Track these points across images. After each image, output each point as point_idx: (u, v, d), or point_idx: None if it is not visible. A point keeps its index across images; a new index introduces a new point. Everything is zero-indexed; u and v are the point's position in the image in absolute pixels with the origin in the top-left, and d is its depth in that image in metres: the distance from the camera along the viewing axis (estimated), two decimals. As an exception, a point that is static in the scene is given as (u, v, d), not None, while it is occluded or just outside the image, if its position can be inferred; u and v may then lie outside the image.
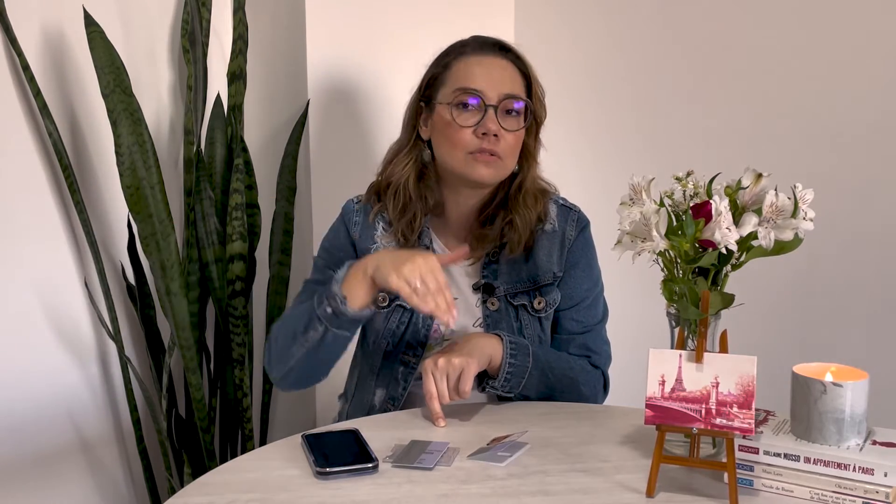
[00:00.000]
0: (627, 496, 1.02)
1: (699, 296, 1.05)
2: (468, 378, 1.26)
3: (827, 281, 1.73)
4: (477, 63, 1.42)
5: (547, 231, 1.47)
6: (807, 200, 1.05)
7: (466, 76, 1.41)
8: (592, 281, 1.50)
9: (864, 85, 1.66)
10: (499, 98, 1.39)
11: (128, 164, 1.67)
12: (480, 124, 1.38)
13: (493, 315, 1.44)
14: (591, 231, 1.51)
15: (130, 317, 1.92)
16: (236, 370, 1.88)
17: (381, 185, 1.49)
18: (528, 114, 1.42)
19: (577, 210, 1.51)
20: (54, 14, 1.76)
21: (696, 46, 1.91)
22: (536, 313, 1.45)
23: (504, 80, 1.41)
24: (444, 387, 1.25)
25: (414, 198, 1.44)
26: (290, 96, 1.97)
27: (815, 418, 1.01)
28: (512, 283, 1.45)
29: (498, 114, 1.39)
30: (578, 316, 1.48)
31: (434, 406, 1.25)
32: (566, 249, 1.47)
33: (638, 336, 1.60)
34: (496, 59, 1.42)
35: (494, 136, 1.38)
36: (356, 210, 1.50)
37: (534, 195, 1.46)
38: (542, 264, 1.45)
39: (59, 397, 1.83)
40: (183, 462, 1.88)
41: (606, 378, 1.51)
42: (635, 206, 1.08)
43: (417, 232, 1.44)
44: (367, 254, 1.44)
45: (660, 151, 1.98)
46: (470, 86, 1.39)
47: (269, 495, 1.03)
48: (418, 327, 1.44)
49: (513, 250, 1.44)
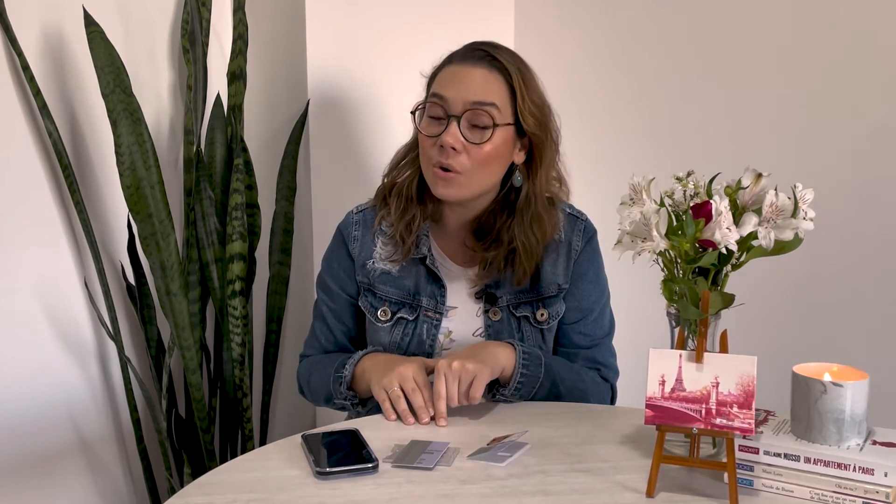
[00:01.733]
0: (627, 496, 1.02)
1: (699, 296, 1.05)
2: (480, 386, 1.26)
3: (827, 281, 1.73)
4: (454, 71, 1.37)
5: (554, 241, 1.44)
6: (807, 200, 1.05)
7: (439, 83, 1.38)
8: (599, 292, 1.48)
9: (865, 85, 1.66)
10: (463, 106, 1.33)
11: (128, 164, 1.67)
12: (440, 137, 1.34)
13: (495, 325, 1.44)
14: (597, 240, 1.48)
15: (130, 317, 1.92)
16: (236, 370, 1.88)
17: (387, 187, 1.48)
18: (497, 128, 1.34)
19: (584, 219, 1.48)
20: (54, 14, 1.75)
21: (696, 46, 1.91)
22: (539, 325, 1.44)
23: (473, 87, 1.34)
24: (455, 390, 1.25)
25: (416, 201, 1.44)
26: (290, 96, 1.97)
27: (815, 418, 1.01)
28: (515, 294, 1.43)
29: (462, 125, 1.33)
30: (586, 329, 1.47)
31: (440, 406, 1.25)
32: (573, 261, 1.45)
33: (638, 336, 1.60)
34: (475, 68, 1.36)
35: (453, 149, 1.33)
36: (355, 223, 1.49)
37: (541, 221, 1.40)
38: (546, 276, 1.43)
39: (59, 397, 1.83)
40: (183, 462, 1.88)
41: (615, 391, 1.50)
42: (635, 206, 1.08)
43: (415, 234, 1.43)
44: (366, 268, 1.46)
45: (660, 151, 1.98)
46: (438, 92, 1.36)
47: (269, 495, 1.03)
48: (423, 338, 1.44)
49: (520, 281, 1.41)
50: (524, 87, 1.37)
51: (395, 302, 1.44)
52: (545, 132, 1.40)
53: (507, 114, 1.36)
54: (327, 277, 1.51)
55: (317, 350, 1.54)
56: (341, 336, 1.52)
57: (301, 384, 1.53)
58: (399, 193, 1.45)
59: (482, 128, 1.34)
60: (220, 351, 1.92)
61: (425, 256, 1.43)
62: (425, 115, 1.38)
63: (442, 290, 1.44)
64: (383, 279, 1.45)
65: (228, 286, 1.85)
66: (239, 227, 1.85)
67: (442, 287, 1.44)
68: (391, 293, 1.45)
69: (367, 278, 1.46)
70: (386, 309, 1.44)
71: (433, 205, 1.45)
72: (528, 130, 1.38)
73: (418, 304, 1.44)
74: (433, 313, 1.43)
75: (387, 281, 1.45)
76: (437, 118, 1.36)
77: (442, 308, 1.44)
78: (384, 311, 1.44)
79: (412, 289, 1.44)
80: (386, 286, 1.45)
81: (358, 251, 1.47)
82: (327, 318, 1.52)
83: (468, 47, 1.40)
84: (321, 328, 1.53)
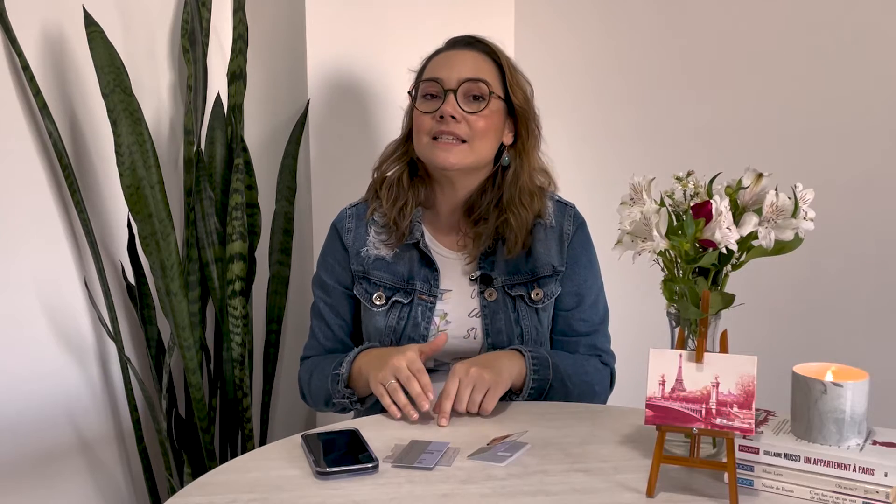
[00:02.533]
0: (627, 496, 1.02)
1: (699, 296, 1.05)
2: (493, 399, 1.28)
3: (827, 281, 1.73)
4: (443, 57, 1.48)
5: (545, 225, 1.49)
6: (807, 200, 1.05)
7: (431, 69, 1.47)
8: (593, 276, 1.52)
9: (865, 84, 1.66)
10: (458, 82, 1.42)
11: (128, 163, 1.67)
12: (439, 108, 1.41)
13: (491, 305, 1.46)
14: (588, 229, 1.52)
15: (130, 317, 1.92)
16: (236, 370, 1.88)
17: (377, 181, 1.54)
18: (492, 97, 1.43)
19: (572, 206, 1.53)
20: (54, 14, 1.75)
21: (696, 46, 1.91)
22: (534, 304, 1.46)
23: (466, 66, 1.44)
24: (466, 395, 1.26)
25: (406, 188, 1.49)
26: (290, 96, 1.97)
27: (816, 418, 1.01)
28: (510, 275, 1.46)
29: (458, 97, 1.42)
30: (585, 315, 1.50)
31: (446, 406, 1.26)
32: (566, 245, 1.48)
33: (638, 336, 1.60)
34: (462, 51, 1.47)
35: (453, 118, 1.40)
36: (349, 216, 1.54)
37: (530, 193, 1.48)
38: (540, 256, 1.47)
39: (59, 397, 1.83)
40: (183, 462, 1.88)
41: (614, 375, 1.53)
42: (636, 206, 1.08)
43: (408, 220, 1.48)
44: (356, 256, 1.49)
45: (660, 151, 1.98)
46: (431, 76, 1.45)
47: (269, 495, 1.03)
48: (418, 321, 1.46)
49: (511, 251, 1.45)
50: (510, 65, 1.48)
51: (389, 287, 1.48)
52: (531, 109, 1.50)
53: (498, 89, 1.46)
54: (322, 273, 1.55)
55: (316, 350, 1.55)
56: (340, 331, 1.53)
57: (302, 388, 1.54)
58: (390, 185, 1.51)
59: (478, 100, 1.43)
60: (220, 351, 1.92)
61: (418, 241, 1.47)
62: (419, 97, 1.46)
63: (435, 274, 1.47)
64: (377, 265, 1.49)
65: (228, 286, 1.85)
66: (239, 227, 1.85)
67: (435, 271, 1.47)
68: (385, 279, 1.48)
69: (361, 266, 1.49)
70: (381, 294, 1.47)
71: (425, 190, 1.51)
72: (517, 104, 1.47)
73: (412, 288, 1.47)
74: (427, 296, 1.46)
75: (381, 267, 1.48)
76: (434, 96, 1.44)
77: (436, 291, 1.47)
78: (379, 295, 1.47)
79: (406, 274, 1.48)
80: (380, 272, 1.48)
81: (352, 241, 1.51)
82: (325, 314, 1.53)
83: (453, 39, 1.51)
84: (319, 326, 1.54)
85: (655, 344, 1.08)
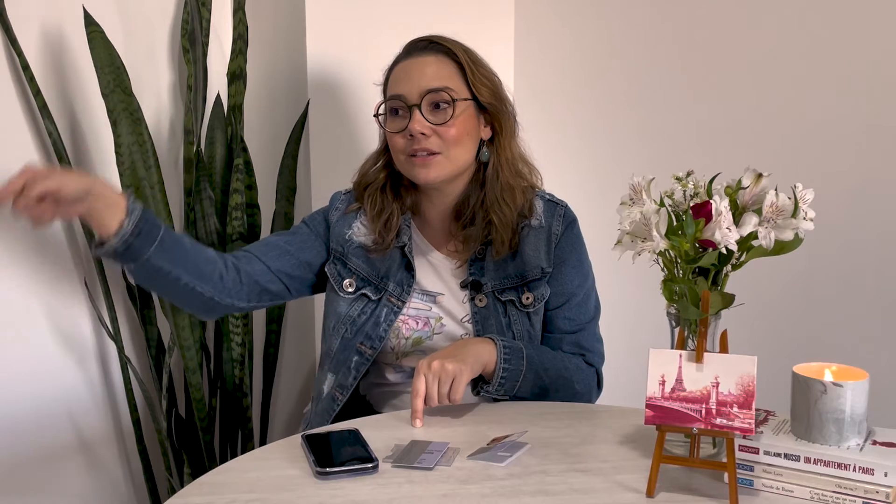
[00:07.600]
0: (627, 496, 1.02)
1: (699, 296, 1.05)
2: (460, 387, 1.26)
3: (827, 281, 1.73)
4: (401, 69, 1.45)
5: (533, 227, 1.47)
6: (807, 200, 1.05)
7: (392, 84, 1.45)
8: (582, 276, 1.49)
9: (865, 84, 1.66)
10: (420, 95, 1.40)
11: (128, 164, 1.67)
12: (407, 127, 1.40)
13: (482, 311, 1.45)
14: (579, 227, 1.51)
15: (130, 317, 1.92)
16: (236, 370, 1.88)
17: (361, 185, 1.53)
18: (457, 102, 1.40)
19: (563, 205, 1.51)
20: (54, 14, 1.75)
21: (696, 46, 1.91)
22: (525, 308, 1.45)
23: (425, 76, 1.41)
24: (434, 390, 1.25)
25: (390, 199, 1.49)
26: (290, 96, 1.97)
27: (816, 418, 1.01)
28: (499, 280, 1.45)
29: (423, 110, 1.40)
30: (570, 314, 1.48)
31: (417, 404, 1.25)
32: (553, 245, 1.47)
33: (637, 336, 1.61)
34: (420, 57, 1.44)
35: (423, 134, 1.39)
36: (342, 199, 1.55)
37: (511, 190, 1.46)
38: (529, 259, 1.45)
39: (59, 397, 1.83)
40: (183, 462, 1.88)
41: (600, 376, 1.51)
42: (635, 206, 1.08)
43: (394, 231, 1.47)
44: (339, 236, 1.49)
45: (660, 151, 1.98)
46: (393, 92, 1.43)
47: (269, 495, 1.03)
48: (380, 320, 1.45)
49: (498, 252, 1.44)
50: (471, 62, 1.45)
51: (363, 278, 1.47)
52: (500, 102, 1.47)
53: (462, 90, 1.43)
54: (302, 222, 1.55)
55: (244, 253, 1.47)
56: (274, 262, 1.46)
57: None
58: (371, 196, 1.49)
59: (443, 109, 1.41)
60: (220, 351, 1.92)
61: (405, 245, 1.47)
62: (387, 117, 1.45)
63: (411, 280, 1.46)
64: (358, 253, 1.48)
65: (228, 286, 1.85)
66: (239, 227, 1.85)
67: (412, 277, 1.46)
68: (361, 268, 1.48)
69: (342, 247, 1.49)
70: (352, 282, 1.47)
71: (411, 197, 1.50)
72: (483, 101, 1.45)
73: (384, 287, 1.46)
74: (396, 300, 1.46)
75: (360, 256, 1.48)
76: (400, 114, 1.42)
77: (406, 297, 1.46)
78: (350, 282, 1.47)
79: (383, 271, 1.47)
80: (359, 260, 1.48)
81: (336, 218, 1.51)
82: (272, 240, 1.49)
83: (409, 44, 1.49)
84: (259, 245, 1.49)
85: (655, 344, 1.08)
